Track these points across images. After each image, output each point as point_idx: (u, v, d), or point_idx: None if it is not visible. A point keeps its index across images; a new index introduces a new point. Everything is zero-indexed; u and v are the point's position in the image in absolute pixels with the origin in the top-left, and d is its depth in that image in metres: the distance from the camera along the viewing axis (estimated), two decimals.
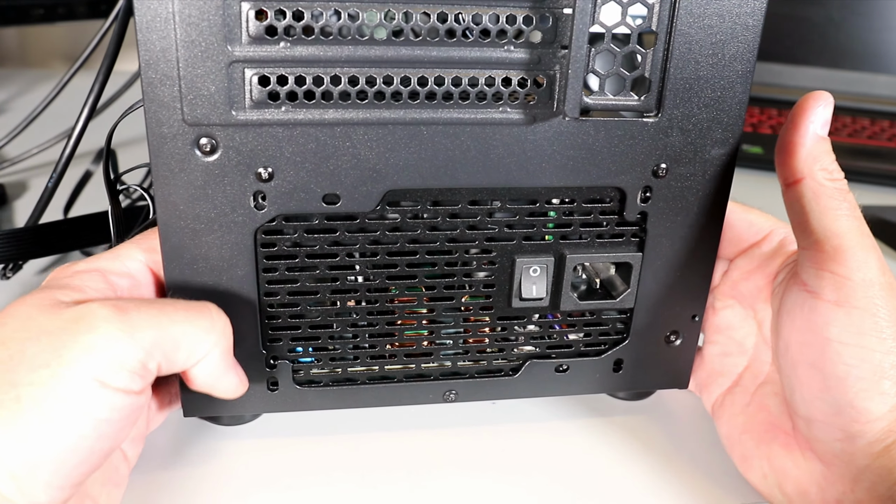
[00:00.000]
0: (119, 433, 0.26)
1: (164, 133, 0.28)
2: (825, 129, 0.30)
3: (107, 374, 0.25)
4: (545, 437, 0.37)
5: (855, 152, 0.78)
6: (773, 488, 0.32)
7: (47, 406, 0.24)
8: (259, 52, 0.28)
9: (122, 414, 0.26)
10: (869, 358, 0.28)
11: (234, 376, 0.30)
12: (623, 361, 0.36)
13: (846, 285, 0.29)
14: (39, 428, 0.24)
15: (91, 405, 0.25)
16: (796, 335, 0.31)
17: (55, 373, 0.24)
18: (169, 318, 0.27)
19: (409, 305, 0.34)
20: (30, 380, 0.24)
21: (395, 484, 0.34)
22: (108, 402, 0.25)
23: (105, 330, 0.25)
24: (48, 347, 0.25)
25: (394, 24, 0.28)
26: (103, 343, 0.25)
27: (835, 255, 0.29)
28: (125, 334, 0.26)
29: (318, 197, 0.30)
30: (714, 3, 0.29)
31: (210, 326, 0.28)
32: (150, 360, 0.26)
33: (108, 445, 0.26)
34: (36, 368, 0.25)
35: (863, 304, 0.28)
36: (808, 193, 0.30)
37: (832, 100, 0.30)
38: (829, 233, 0.29)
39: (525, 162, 0.31)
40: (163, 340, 0.27)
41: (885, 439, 0.28)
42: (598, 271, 0.36)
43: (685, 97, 0.31)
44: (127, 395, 0.26)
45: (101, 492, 0.29)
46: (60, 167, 0.42)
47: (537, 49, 0.29)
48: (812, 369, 0.30)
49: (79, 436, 0.25)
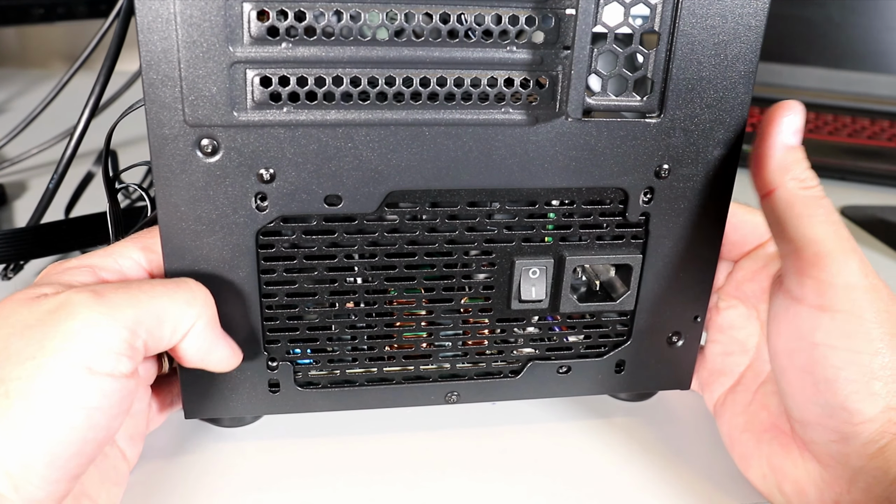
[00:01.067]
0: (112, 421, 0.26)
1: (165, 134, 0.28)
2: (796, 136, 0.30)
3: (93, 360, 0.25)
4: (546, 439, 0.37)
5: (855, 152, 0.78)
6: (772, 488, 0.32)
7: (36, 399, 0.24)
8: (261, 53, 0.28)
9: (114, 400, 0.26)
10: (857, 360, 0.28)
11: (225, 347, 0.30)
12: (625, 362, 0.36)
13: (829, 290, 0.29)
14: (30, 422, 0.24)
15: (80, 393, 0.25)
16: (784, 341, 0.31)
17: (40, 364, 0.24)
18: (147, 294, 0.27)
19: (408, 307, 0.34)
20: (17, 374, 0.24)
21: (396, 485, 0.34)
22: (98, 388, 0.25)
23: (84, 315, 0.25)
24: (32, 340, 0.25)
25: (396, 25, 0.28)
26: (84, 328, 0.25)
27: (815, 262, 0.29)
28: (105, 316, 0.25)
29: (320, 198, 0.30)
30: (716, 4, 0.29)
31: (191, 298, 0.28)
32: (135, 339, 0.26)
33: (101, 435, 0.26)
34: (22, 362, 0.24)
35: (847, 308, 0.29)
36: (781, 204, 0.30)
37: (801, 108, 0.30)
38: (806, 240, 0.29)
39: (527, 163, 0.31)
40: (144, 317, 0.26)
41: (878, 440, 0.28)
42: (598, 273, 0.36)
43: (688, 98, 0.31)
44: (116, 380, 0.25)
45: (100, 491, 0.29)
46: (61, 167, 0.42)
47: (540, 50, 0.29)
48: (802, 373, 0.30)
49: (70, 427, 0.25)
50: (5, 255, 0.44)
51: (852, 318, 0.28)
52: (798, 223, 0.29)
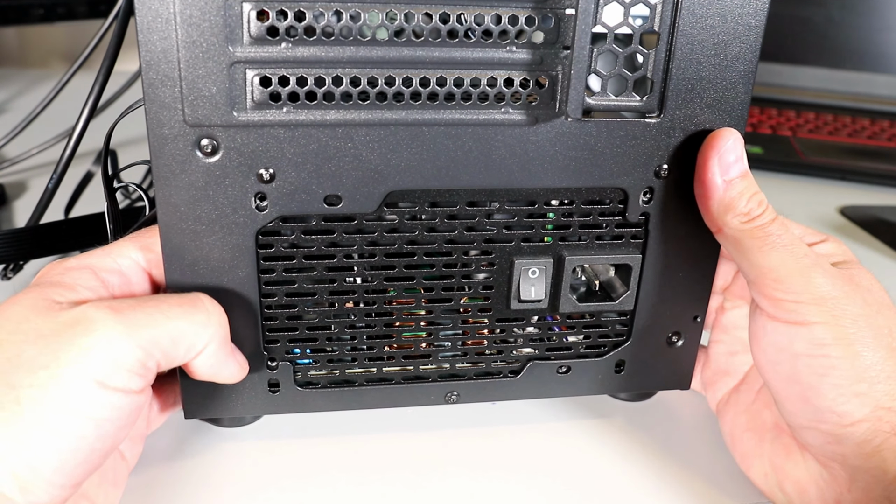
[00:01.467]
0: (119, 432, 0.26)
1: (165, 134, 0.28)
2: (737, 165, 0.30)
3: (106, 375, 0.25)
4: (546, 439, 0.37)
5: (855, 152, 0.79)
6: (774, 487, 0.32)
7: (47, 407, 0.24)
8: (260, 53, 0.28)
9: (123, 413, 0.26)
10: (839, 365, 0.29)
11: (234, 363, 0.31)
12: (624, 362, 0.36)
13: (800, 308, 0.29)
14: (40, 429, 0.24)
15: (91, 406, 0.25)
16: (767, 355, 0.31)
17: (54, 374, 0.24)
18: (165, 315, 0.27)
19: (408, 307, 0.34)
20: (29, 382, 0.24)
21: (396, 485, 0.34)
22: (108, 402, 0.25)
23: (103, 332, 0.25)
24: (46, 350, 0.25)
25: (395, 25, 0.28)
26: (102, 344, 0.25)
27: (777, 287, 0.29)
28: (123, 335, 0.26)
29: (320, 198, 0.30)
30: (716, 4, 0.29)
31: (206, 320, 0.29)
32: (148, 359, 0.26)
33: (108, 445, 0.26)
34: (34, 370, 0.24)
35: (822, 319, 0.29)
36: (730, 242, 0.31)
37: (734, 135, 0.30)
38: (763, 269, 0.30)
39: (527, 163, 0.31)
40: (160, 338, 0.27)
41: (872, 440, 0.28)
42: (598, 273, 0.36)
43: (687, 98, 0.31)
44: (126, 395, 0.26)
45: (98, 492, 0.29)
46: (61, 167, 0.42)
47: (539, 50, 0.29)
48: (789, 383, 0.30)
49: (79, 436, 0.25)
50: (5, 255, 0.44)
51: (828, 327, 0.29)
52: (751, 256, 0.30)
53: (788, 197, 0.69)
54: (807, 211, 0.66)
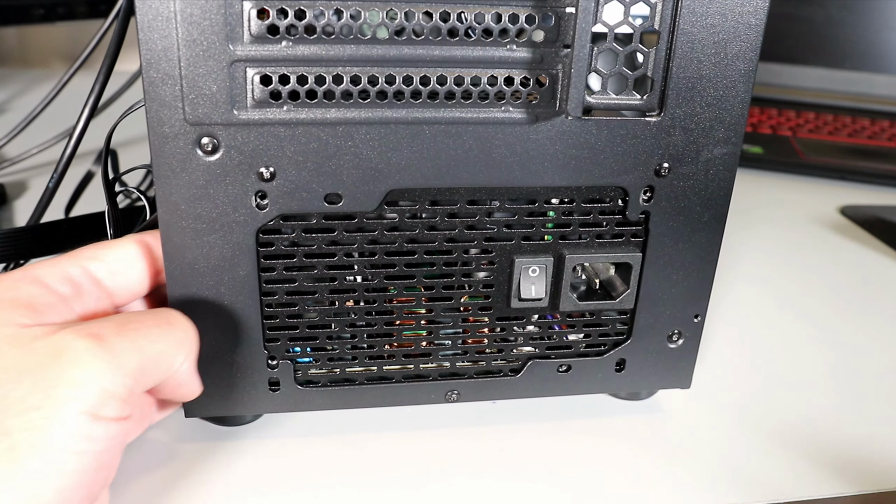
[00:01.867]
0: (116, 457, 0.26)
1: (165, 132, 0.28)
2: None
3: (98, 407, 0.25)
4: (545, 438, 0.37)
5: (855, 152, 0.79)
6: None
7: (45, 451, 0.24)
8: (261, 52, 0.28)
9: (117, 440, 0.26)
10: None
11: (198, 380, 0.31)
12: (625, 361, 0.36)
13: None
14: (40, 475, 0.24)
15: (87, 441, 0.25)
16: None
17: (48, 415, 0.24)
18: (147, 339, 0.27)
19: (408, 305, 0.34)
20: (23, 425, 0.24)
21: (396, 484, 0.34)
22: (103, 433, 0.25)
23: (90, 363, 0.25)
24: (34, 388, 0.24)
25: (396, 24, 0.28)
26: (90, 377, 0.25)
27: None
28: (111, 365, 0.25)
29: (320, 196, 0.30)
30: (716, 2, 0.29)
31: (183, 338, 0.29)
32: (137, 385, 0.26)
33: (106, 473, 0.26)
34: (25, 412, 0.24)
35: None
36: None
37: None
38: None
39: (527, 161, 0.31)
40: (146, 364, 0.27)
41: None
42: (598, 272, 0.36)
43: (687, 96, 0.31)
44: (119, 423, 0.26)
45: None
46: (61, 167, 0.41)
47: (540, 48, 0.29)
48: None
49: (80, 472, 0.25)
50: (5, 254, 0.44)
51: None
52: None
53: (788, 197, 0.69)
54: (807, 211, 0.66)
